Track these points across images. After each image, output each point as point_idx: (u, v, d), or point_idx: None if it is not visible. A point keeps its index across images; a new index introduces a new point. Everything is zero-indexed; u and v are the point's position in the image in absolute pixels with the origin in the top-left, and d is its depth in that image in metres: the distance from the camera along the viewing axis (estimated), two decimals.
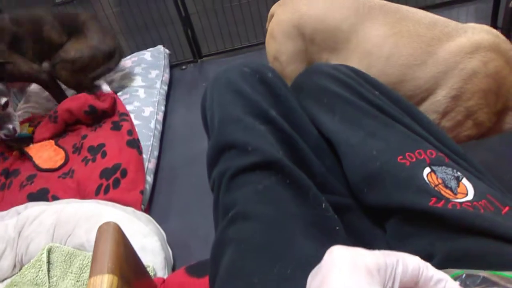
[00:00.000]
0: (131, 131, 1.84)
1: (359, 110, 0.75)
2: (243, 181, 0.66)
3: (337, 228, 0.64)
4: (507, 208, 0.59)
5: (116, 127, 1.89)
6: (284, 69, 1.46)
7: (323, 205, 0.65)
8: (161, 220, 1.56)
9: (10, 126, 1.84)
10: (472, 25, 1.20)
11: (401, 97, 0.80)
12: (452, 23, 1.20)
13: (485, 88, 1.11)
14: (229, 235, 0.63)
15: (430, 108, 1.20)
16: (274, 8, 1.48)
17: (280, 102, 0.79)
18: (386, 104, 0.76)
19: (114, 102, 2.06)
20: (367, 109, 0.74)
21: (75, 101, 2.00)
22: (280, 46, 1.43)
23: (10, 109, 1.87)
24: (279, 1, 1.48)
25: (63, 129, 2.05)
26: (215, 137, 0.74)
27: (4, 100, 1.82)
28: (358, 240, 0.69)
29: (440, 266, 0.53)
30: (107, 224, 0.71)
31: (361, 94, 0.77)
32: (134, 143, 1.79)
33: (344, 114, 0.76)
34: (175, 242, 1.51)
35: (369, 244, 0.68)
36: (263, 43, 2.52)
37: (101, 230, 0.70)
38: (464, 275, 0.42)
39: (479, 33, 1.15)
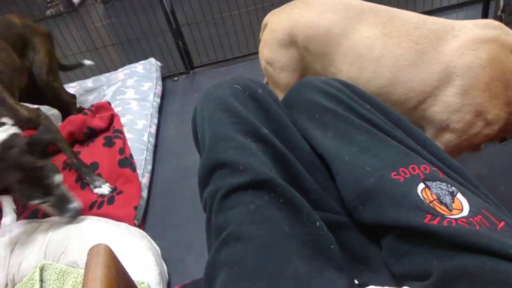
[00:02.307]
0: (123, 150, 1.83)
1: (351, 125, 0.74)
2: (235, 201, 0.65)
3: (332, 247, 0.63)
4: (502, 223, 0.58)
5: (109, 143, 1.89)
6: (277, 78, 1.47)
7: (317, 223, 0.64)
8: (155, 234, 1.55)
9: (73, 206, 1.48)
10: (460, 21, 1.19)
11: (393, 110, 0.79)
12: (441, 20, 1.19)
13: (486, 79, 1.09)
14: (222, 257, 0.62)
15: (438, 111, 1.18)
16: (268, 18, 1.50)
17: (271, 119, 0.78)
18: (378, 118, 0.76)
19: (112, 119, 2.04)
20: (359, 124, 0.74)
21: (74, 124, 1.99)
22: (273, 54, 1.44)
23: (63, 187, 1.49)
24: (272, 11, 1.50)
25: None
26: (206, 156, 0.73)
27: (58, 178, 1.45)
28: (354, 258, 0.68)
29: (437, 284, 0.54)
30: (97, 246, 0.70)
31: (353, 108, 0.76)
32: (126, 162, 1.77)
33: (336, 129, 0.75)
34: (170, 257, 1.50)
35: (365, 262, 0.67)
36: (255, 53, 2.57)
37: (91, 253, 0.69)
38: None
39: (469, 28, 1.14)
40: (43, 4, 4.10)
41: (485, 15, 2.26)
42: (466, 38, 1.11)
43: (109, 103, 2.22)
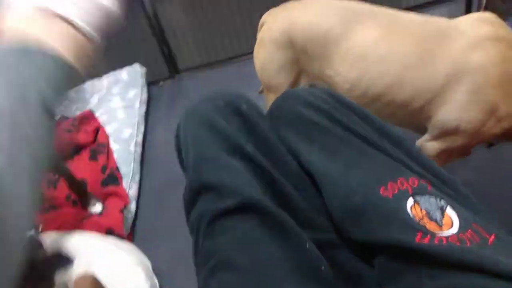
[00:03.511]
0: (105, 167, 1.81)
1: (337, 138, 0.72)
2: (222, 226, 0.64)
3: (323, 268, 0.62)
4: (493, 237, 0.58)
5: (94, 157, 1.86)
6: (273, 79, 1.45)
7: (307, 245, 0.63)
8: (145, 247, 1.53)
9: None
10: (462, 18, 1.19)
11: (378, 120, 0.78)
12: (443, 19, 1.19)
13: (498, 76, 1.09)
14: (211, 287, 0.61)
15: (448, 110, 1.17)
16: (265, 17, 1.47)
17: (256, 134, 0.77)
18: (364, 129, 0.74)
19: (97, 131, 2.02)
20: (346, 137, 0.72)
21: (61, 144, 1.94)
22: (269, 55, 1.43)
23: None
24: (269, 11, 1.48)
25: None
26: (190, 178, 0.72)
27: None
28: (346, 277, 0.66)
29: None
30: (83, 278, 0.69)
31: (339, 121, 0.75)
32: (109, 180, 1.76)
33: (323, 143, 0.73)
34: (161, 270, 1.48)
35: (357, 281, 0.66)
36: (242, 55, 2.54)
37: (77, 285, 0.68)
38: None
39: (473, 25, 1.14)
40: None
41: (468, 11, 2.25)
42: (473, 36, 1.11)
43: (92, 112, 2.19)
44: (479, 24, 1.14)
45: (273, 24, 1.41)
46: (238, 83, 2.33)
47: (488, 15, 1.17)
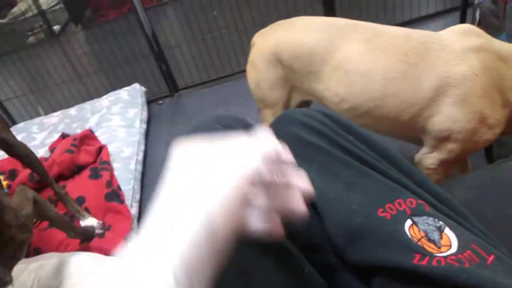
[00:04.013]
0: (110, 183, 1.81)
1: (335, 160, 0.72)
2: None
3: None
4: (492, 257, 0.58)
5: (95, 175, 1.86)
6: (266, 97, 1.48)
7: (305, 270, 0.63)
8: None
9: None
10: (444, 32, 1.21)
11: (375, 140, 0.77)
12: (426, 32, 1.21)
13: (482, 85, 1.10)
14: None
15: (438, 121, 1.18)
16: (255, 38, 1.52)
17: None
18: (362, 150, 0.74)
19: (100, 151, 2.03)
20: (344, 159, 0.72)
21: (63, 164, 1.94)
22: (261, 75, 1.46)
23: None
24: (260, 31, 1.52)
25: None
26: None
27: None
28: None
29: None
30: None
31: (337, 142, 0.74)
32: (114, 195, 1.75)
33: (321, 164, 0.73)
34: None
35: None
36: (238, 72, 2.57)
37: None
38: None
39: (455, 37, 1.15)
40: (24, 32, 4.08)
41: (463, 21, 2.28)
42: (456, 48, 1.13)
43: (91, 131, 2.19)
44: (460, 36, 1.16)
45: (262, 45, 1.45)
46: (236, 99, 2.34)
47: (468, 26, 1.18)
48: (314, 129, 0.77)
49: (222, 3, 2.56)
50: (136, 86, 2.62)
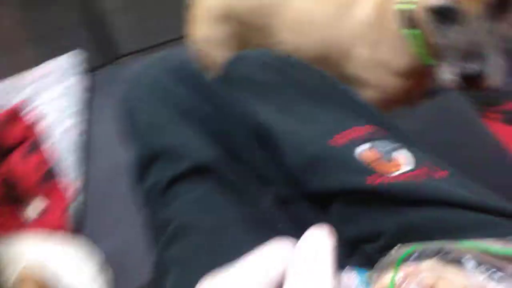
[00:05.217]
0: (46, 160, 1.71)
1: (292, 95, 0.74)
2: (177, 192, 0.64)
3: (280, 225, 0.65)
4: (446, 172, 0.61)
5: (28, 154, 1.74)
6: (214, 56, 1.43)
7: (264, 202, 0.65)
8: (96, 240, 1.45)
9: None
10: None
11: (330, 76, 0.80)
12: None
13: (387, 32, 1.11)
14: (171, 254, 0.60)
15: (354, 67, 1.21)
16: None
17: (209, 97, 0.76)
18: (316, 84, 0.76)
19: (31, 128, 1.88)
20: (297, 94, 0.74)
21: None
22: (209, 31, 1.42)
23: None
24: None
25: None
26: (140, 147, 0.71)
27: None
28: (304, 229, 0.67)
29: (389, 243, 0.53)
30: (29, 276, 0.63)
31: (290, 77, 0.76)
32: (51, 175, 1.65)
33: (276, 100, 0.74)
34: (115, 262, 1.41)
35: None
36: (184, 36, 2.47)
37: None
38: (416, 253, 0.43)
39: None
40: None
41: None
42: None
43: (20, 108, 2.03)
44: None
45: (207, 1, 1.40)
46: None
47: None
48: (269, 68, 0.78)
49: None
50: (75, 53, 2.47)
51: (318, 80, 0.77)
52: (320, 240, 0.38)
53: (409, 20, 1.04)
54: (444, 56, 0.91)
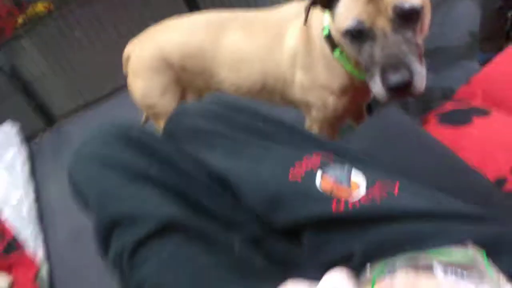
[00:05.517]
0: (2, 235, 1.67)
1: (236, 140, 0.75)
2: (145, 254, 0.62)
3: (256, 262, 0.65)
4: (397, 183, 0.64)
5: None
6: (157, 104, 1.44)
7: (236, 245, 0.65)
8: None
9: None
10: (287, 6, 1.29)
11: (269, 114, 0.82)
12: (276, 9, 1.30)
13: (315, 54, 1.16)
14: None
15: (296, 92, 1.25)
16: (129, 49, 1.45)
17: (155, 157, 0.74)
18: (258, 125, 0.78)
19: None
20: (243, 137, 0.75)
21: None
22: (148, 82, 1.41)
23: None
24: (131, 42, 1.46)
25: None
26: (97, 219, 0.67)
27: None
28: (283, 263, 0.69)
29: (362, 261, 0.57)
30: None
31: (233, 123, 0.78)
32: (11, 248, 1.62)
33: (224, 148, 0.76)
34: None
35: (294, 264, 0.69)
36: (118, 89, 2.48)
37: None
38: (388, 267, 0.46)
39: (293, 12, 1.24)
40: None
41: None
42: (299, 24, 1.19)
43: None
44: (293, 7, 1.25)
45: (142, 53, 1.41)
46: (120, 116, 2.26)
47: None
48: (210, 117, 0.80)
49: (83, 23, 2.47)
50: (8, 124, 2.42)
51: (261, 121, 0.79)
52: (339, 283, 0.40)
53: (332, 42, 1.09)
54: (369, 71, 0.94)
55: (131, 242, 0.62)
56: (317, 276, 0.43)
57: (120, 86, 2.48)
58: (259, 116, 0.80)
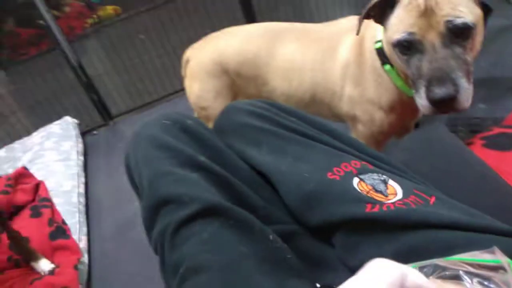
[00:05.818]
0: (52, 220, 1.74)
1: (281, 138, 0.79)
2: (186, 234, 0.65)
3: (289, 256, 0.66)
4: (433, 198, 0.65)
5: (36, 213, 1.77)
6: (210, 106, 1.51)
7: (271, 237, 0.67)
8: None
9: None
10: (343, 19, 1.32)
11: (316, 118, 0.86)
12: (342, 21, 1.32)
13: (367, 69, 1.17)
14: None
15: (345, 105, 1.26)
16: (189, 53, 1.56)
17: (206, 146, 0.80)
18: (303, 127, 0.81)
19: (37, 188, 1.94)
20: (288, 136, 0.78)
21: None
22: (204, 85, 1.50)
23: None
24: (192, 45, 1.57)
25: None
26: (147, 197, 0.72)
27: None
28: (312, 262, 0.70)
29: None
30: None
31: (280, 123, 0.81)
32: (58, 233, 1.68)
33: (269, 144, 0.79)
34: None
35: (322, 264, 0.71)
36: (172, 93, 2.57)
37: None
38: (417, 268, 0.45)
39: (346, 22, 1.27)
40: None
41: None
42: (353, 37, 1.20)
43: (26, 169, 2.10)
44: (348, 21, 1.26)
45: (201, 57, 1.50)
46: None
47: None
48: (258, 115, 0.84)
49: (148, 27, 2.57)
50: (67, 118, 2.54)
51: (306, 123, 0.82)
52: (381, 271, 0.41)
53: (384, 56, 1.10)
54: (415, 84, 0.96)
55: (175, 221, 0.66)
56: (347, 278, 0.43)
57: (176, 91, 2.55)
58: (304, 119, 0.84)
